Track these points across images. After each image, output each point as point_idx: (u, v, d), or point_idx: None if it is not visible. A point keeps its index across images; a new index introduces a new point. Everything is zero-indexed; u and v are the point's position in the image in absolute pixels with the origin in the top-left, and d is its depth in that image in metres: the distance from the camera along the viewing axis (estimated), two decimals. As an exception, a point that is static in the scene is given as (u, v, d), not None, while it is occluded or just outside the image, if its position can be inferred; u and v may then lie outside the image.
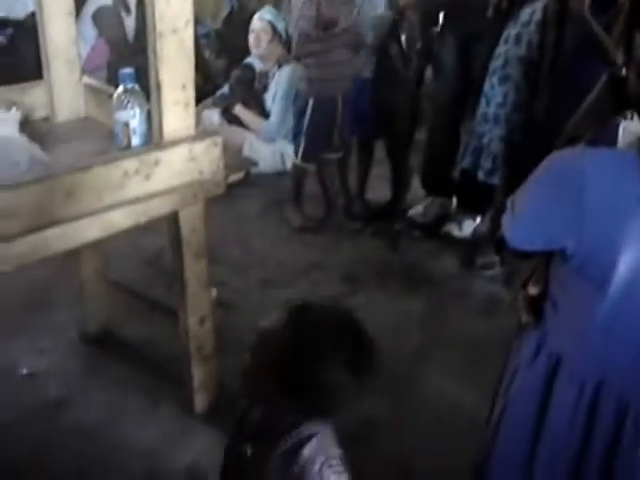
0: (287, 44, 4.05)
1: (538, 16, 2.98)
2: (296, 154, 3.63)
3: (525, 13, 3.04)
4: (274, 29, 4.07)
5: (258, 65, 4.26)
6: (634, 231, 1.12)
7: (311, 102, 3.46)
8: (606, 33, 2.72)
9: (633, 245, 1.13)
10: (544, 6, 2.96)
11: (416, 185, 3.87)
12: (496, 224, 3.26)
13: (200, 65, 1.95)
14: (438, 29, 3.48)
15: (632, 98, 1.24)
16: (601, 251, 1.16)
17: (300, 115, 3.55)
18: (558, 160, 1.23)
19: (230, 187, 2.23)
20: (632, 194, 1.11)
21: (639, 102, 1.23)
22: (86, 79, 2.35)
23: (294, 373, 1.15)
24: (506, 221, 1.32)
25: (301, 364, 1.15)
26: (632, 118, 1.62)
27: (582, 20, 2.79)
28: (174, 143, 1.89)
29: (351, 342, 1.18)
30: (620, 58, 1.23)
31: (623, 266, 1.14)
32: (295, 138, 3.66)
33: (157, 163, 1.85)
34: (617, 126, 2.59)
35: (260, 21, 4.09)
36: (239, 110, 4.22)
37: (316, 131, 3.50)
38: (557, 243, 1.22)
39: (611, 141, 2.46)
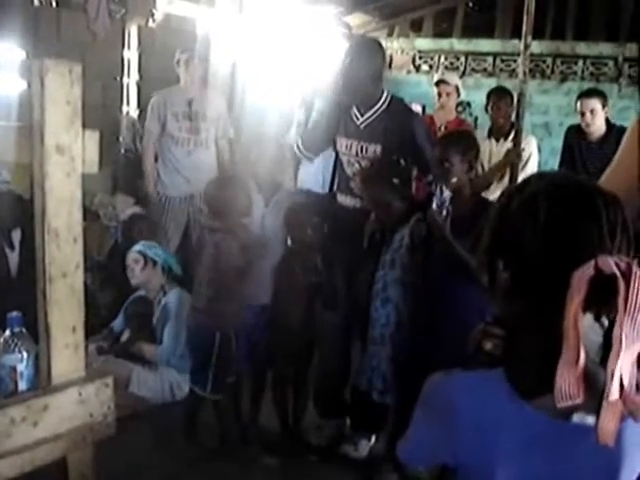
0: (169, 271, 4.18)
1: (406, 240, 3.22)
2: (204, 388, 3.48)
3: (395, 239, 3.27)
4: (145, 257, 4.17)
5: (143, 294, 4.27)
6: (506, 446, 1.17)
7: (218, 336, 3.40)
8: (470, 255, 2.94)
9: (506, 460, 1.17)
10: (410, 231, 3.20)
11: (310, 406, 3.83)
12: (393, 442, 3.26)
13: (87, 302, 1.98)
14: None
15: (501, 319, 1.34)
16: (478, 468, 1.20)
17: (202, 348, 3.47)
18: (431, 385, 1.30)
19: (118, 421, 2.16)
20: (500, 411, 1.17)
21: (508, 323, 1.31)
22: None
23: None
24: (399, 440, 1.39)
25: None
26: None
27: (446, 242, 3.02)
28: (63, 387, 1.84)
29: None
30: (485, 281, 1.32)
31: None
32: (197, 372, 3.55)
33: (45, 408, 1.78)
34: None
35: (131, 253, 4.23)
36: (142, 348, 4.15)
37: (224, 363, 3.44)
38: (436, 460, 1.34)
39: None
